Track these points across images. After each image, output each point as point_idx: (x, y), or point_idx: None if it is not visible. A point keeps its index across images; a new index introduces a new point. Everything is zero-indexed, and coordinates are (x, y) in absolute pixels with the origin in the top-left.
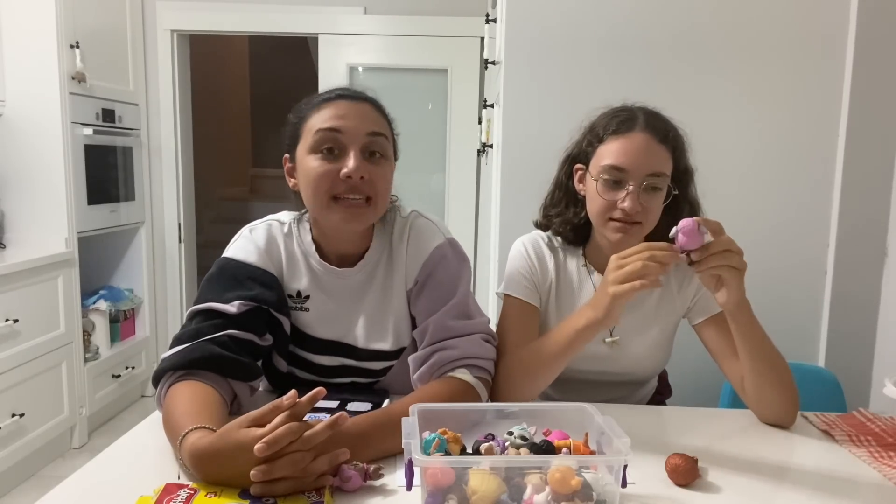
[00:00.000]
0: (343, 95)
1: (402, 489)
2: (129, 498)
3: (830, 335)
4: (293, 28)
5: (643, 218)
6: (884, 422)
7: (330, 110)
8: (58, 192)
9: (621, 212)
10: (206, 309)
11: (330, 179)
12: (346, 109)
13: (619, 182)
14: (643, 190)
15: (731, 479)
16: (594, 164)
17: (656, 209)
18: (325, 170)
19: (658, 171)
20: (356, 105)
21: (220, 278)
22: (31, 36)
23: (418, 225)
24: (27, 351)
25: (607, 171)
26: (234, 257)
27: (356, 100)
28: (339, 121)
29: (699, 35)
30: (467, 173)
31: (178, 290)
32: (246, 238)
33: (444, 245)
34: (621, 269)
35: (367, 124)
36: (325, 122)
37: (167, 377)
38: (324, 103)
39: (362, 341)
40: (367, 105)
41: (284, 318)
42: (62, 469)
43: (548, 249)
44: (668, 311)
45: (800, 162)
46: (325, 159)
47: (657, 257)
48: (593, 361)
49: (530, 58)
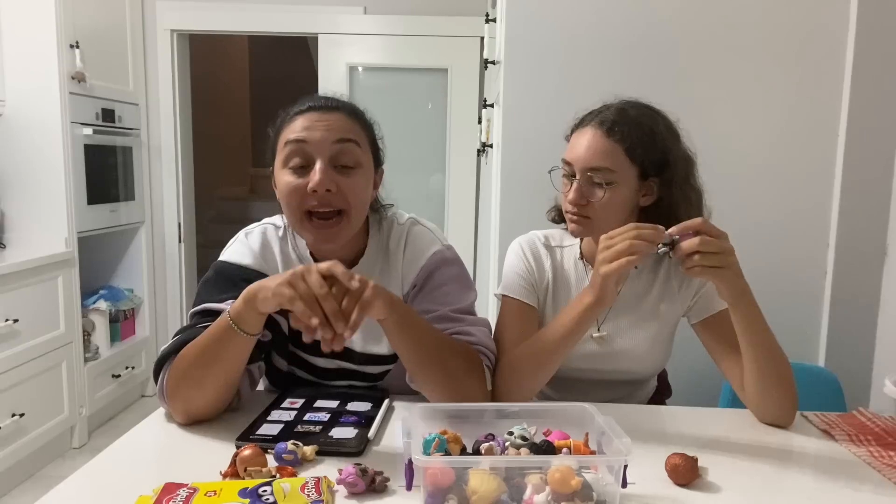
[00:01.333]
0: (314, 106)
1: (402, 489)
2: (128, 498)
3: (830, 335)
4: (293, 28)
5: (590, 212)
6: (884, 421)
7: (300, 122)
8: (58, 191)
9: (570, 205)
10: (204, 310)
11: (299, 195)
12: (315, 120)
13: (570, 176)
14: (587, 184)
15: (731, 478)
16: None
17: (607, 205)
18: (295, 185)
19: (597, 166)
20: (326, 115)
21: (216, 281)
22: (30, 36)
23: (416, 232)
24: (27, 351)
25: (563, 164)
26: (230, 260)
27: (327, 110)
28: (306, 132)
29: (699, 35)
30: (467, 173)
31: (178, 290)
32: (241, 242)
33: (442, 250)
34: (609, 248)
35: (333, 133)
36: (292, 133)
37: (168, 362)
38: (296, 115)
39: (359, 345)
40: (339, 114)
41: (282, 319)
42: (62, 469)
43: (544, 249)
44: (668, 309)
45: (800, 162)
46: (295, 174)
47: (643, 235)
48: (585, 359)
49: (530, 58)
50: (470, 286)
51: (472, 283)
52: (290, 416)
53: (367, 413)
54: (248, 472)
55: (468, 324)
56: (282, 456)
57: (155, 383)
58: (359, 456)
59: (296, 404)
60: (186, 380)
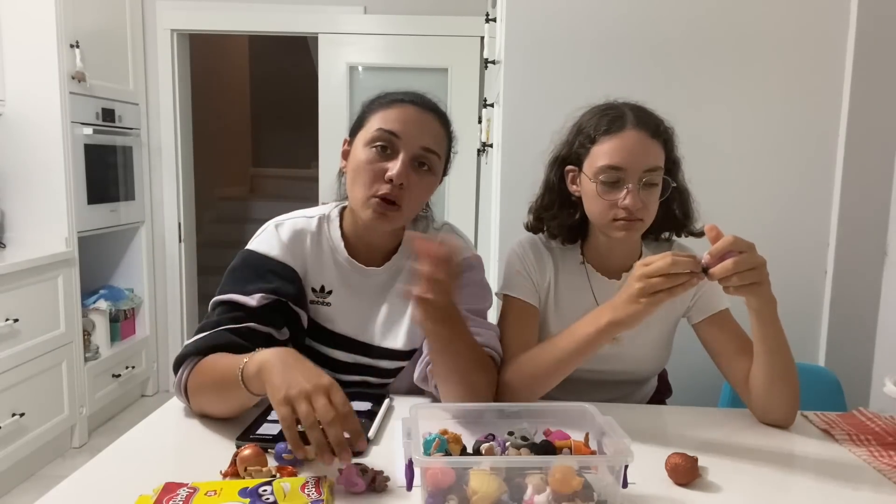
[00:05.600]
0: (414, 102)
1: (403, 489)
2: (128, 497)
3: (830, 335)
4: (293, 28)
5: (644, 214)
6: (884, 421)
7: (396, 112)
8: (58, 191)
9: (623, 210)
10: (228, 300)
11: (373, 174)
12: (411, 116)
13: (617, 182)
14: (642, 186)
15: (731, 478)
16: (589, 165)
17: (655, 203)
18: (373, 165)
19: (654, 166)
20: (422, 114)
21: (243, 270)
22: (30, 35)
23: (448, 238)
24: (27, 350)
25: (605, 172)
26: (257, 250)
27: (424, 109)
28: (400, 125)
29: (699, 35)
30: (467, 173)
31: (178, 290)
32: (270, 233)
33: (470, 257)
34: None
35: (425, 138)
36: (387, 122)
37: (189, 361)
38: (394, 103)
39: (377, 339)
40: (433, 116)
41: (302, 312)
42: (62, 469)
43: (545, 250)
44: (668, 310)
45: (800, 162)
46: (377, 155)
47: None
48: (596, 361)
49: (530, 57)
50: (489, 294)
51: (491, 293)
52: None
53: (368, 412)
54: (249, 471)
55: (478, 324)
56: (282, 456)
57: (174, 375)
58: (359, 456)
59: None
60: (203, 395)
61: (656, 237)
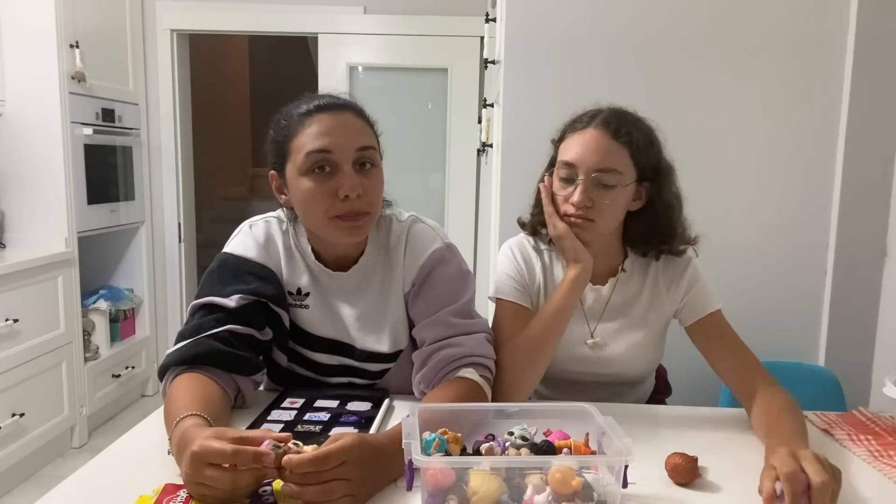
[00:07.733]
0: (322, 107)
1: (403, 489)
2: (128, 498)
3: (830, 335)
4: (293, 28)
5: (595, 215)
6: (884, 421)
7: (315, 127)
8: (57, 191)
9: (572, 206)
10: (207, 303)
11: (327, 200)
12: (331, 124)
13: (570, 178)
14: (593, 185)
15: (731, 478)
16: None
17: (612, 207)
18: (321, 191)
19: (607, 167)
20: (340, 117)
21: (220, 273)
22: (30, 35)
23: (416, 230)
24: (27, 351)
25: (561, 167)
26: (234, 252)
27: (337, 110)
28: (327, 138)
29: (699, 35)
30: (467, 173)
31: (178, 290)
32: (245, 234)
33: (441, 249)
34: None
35: (355, 139)
36: (313, 142)
37: (171, 372)
38: (306, 118)
39: (359, 342)
40: (350, 114)
41: (283, 312)
42: (62, 469)
43: (534, 252)
44: (657, 312)
45: (800, 162)
46: (319, 179)
47: None
48: (579, 363)
49: (530, 57)
50: (467, 285)
51: (469, 280)
52: (291, 416)
53: (367, 413)
54: None
55: (462, 330)
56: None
57: (160, 381)
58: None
59: (296, 404)
60: None
61: (643, 252)
